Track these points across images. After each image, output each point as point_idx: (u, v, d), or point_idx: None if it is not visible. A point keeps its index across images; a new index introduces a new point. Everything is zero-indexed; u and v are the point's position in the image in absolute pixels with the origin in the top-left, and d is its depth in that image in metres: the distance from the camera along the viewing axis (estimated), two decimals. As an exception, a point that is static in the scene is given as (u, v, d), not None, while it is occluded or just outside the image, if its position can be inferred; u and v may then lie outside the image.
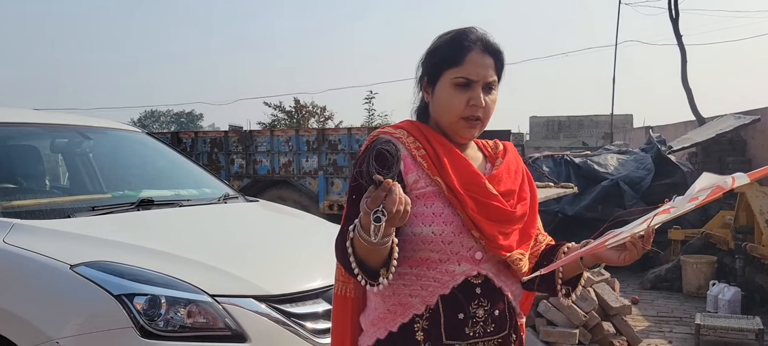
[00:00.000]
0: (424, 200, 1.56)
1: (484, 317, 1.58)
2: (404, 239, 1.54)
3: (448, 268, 1.56)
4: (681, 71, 14.15)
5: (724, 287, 6.22)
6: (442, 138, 1.63)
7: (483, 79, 1.59)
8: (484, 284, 1.59)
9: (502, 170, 1.66)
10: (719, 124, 10.27)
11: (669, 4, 14.31)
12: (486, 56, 1.60)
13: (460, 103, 1.58)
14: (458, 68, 1.58)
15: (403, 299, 1.58)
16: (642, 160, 9.25)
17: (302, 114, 25.71)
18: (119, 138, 4.41)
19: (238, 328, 2.58)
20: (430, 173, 1.57)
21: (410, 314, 1.58)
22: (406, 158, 1.58)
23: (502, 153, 1.73)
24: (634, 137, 18.83)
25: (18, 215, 2.98)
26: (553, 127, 35.24)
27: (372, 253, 1.43)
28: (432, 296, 1.56)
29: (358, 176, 1.53)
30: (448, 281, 1.56)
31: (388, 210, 1.31)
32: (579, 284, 1.70)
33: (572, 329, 4.69)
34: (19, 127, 3.82)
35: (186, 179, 4.29)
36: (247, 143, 9.06)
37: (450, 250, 1.55)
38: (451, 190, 1.55)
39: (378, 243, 1.37)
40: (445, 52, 1.61)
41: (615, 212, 8.59)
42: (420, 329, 1.57)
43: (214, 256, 2.90)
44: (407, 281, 1.57)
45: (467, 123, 1.60)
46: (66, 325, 2.50)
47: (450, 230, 1.55)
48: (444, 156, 1.58)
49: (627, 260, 1.54)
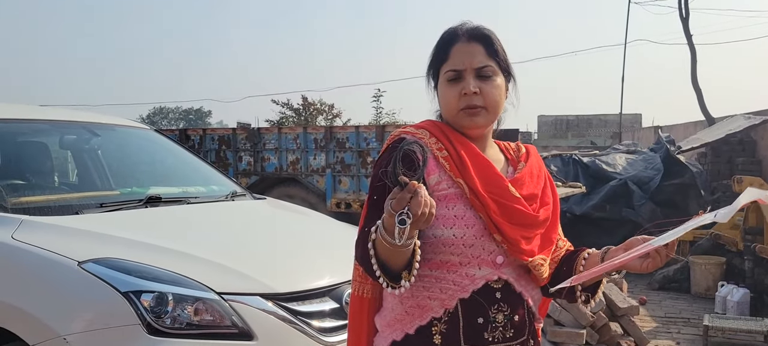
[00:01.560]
0: (446, 201, 1.54)
1: (504, 322, 1.56)
2: (425, 241, 1.52)
3: (469, 271, 1.54)
4: (691, 71, 14.08)
5: (733, 289, 6.19)
6: (463, 139, 1.61)
7: (470, 65, 1.59)
8: (504, 288, 1.56)
9: (525, 174, 1.64)
10: (729, 124, 10.20)
11: (679, 3, 14.24)
12: (472, 44, 1.60)
13: (455, 96, 1.59)
14: (447, 63, 1.61)
15: (422, 301, 1.55)
16: (651, 160, 9.21)
17: (310, 112, 25.71)
18: (128, 135, 4.42)
19: (245, 326, 2.58)
20: (452, 175, 1.55)
21: (428, 316, 1.55)
22: (429, 159, 1.56)
23: (524, 156, 1.71)
24: (642, 137, 18.75)
25: (26, 211, 2.99)
26: (561, 126, 35.14)
27: (394, 255, 1.41)
28: (451, 300, 1.53)
29: (382, 176, 1.49)
30: (468, 284, 1.53)
31: (413, 213, 1.29)
32: (599, 289, 1.67)
33: (580, 329, 4.67)
34: (28, 124, 3.84)
35: (194, 176, 4.30)
36: (255, 141, 9.07)
37: (471, 253, 1.53)
38: (473, 192, 1.53)
39: (401, 246, 1.34)
40: (436, 52, 1.64)
41: (623, 211, 8.58)
42: (437, 332, 1.55)
43: (221, 253, 2.90)
44: (427, 283, 1.54)
45: (466, 113, 1.59)
46: (74, 321, 2.50)
47: (472, 233, 1.52)
48: (467, 157, 1.56)
49: (650, 267, 1.51)
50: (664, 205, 8.77)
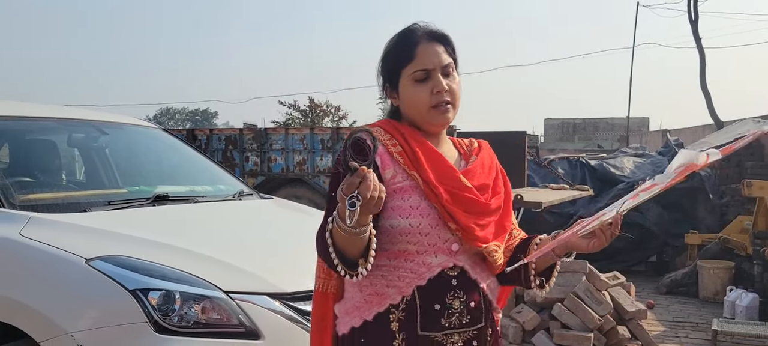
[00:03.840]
0: (402, 193, 1.61)
1: (460, 308, 1.63)
2: (382, 232, 1.59)
3: (425, 259, 1.61)
4: (700, 74, 14.03)
5: (741, 293, 6.14)
6: (417, 134, 1.68)
7: (438, 64, 1.66)
8: (460, 276, 1.64)
9: (476, 165, 1.73)
10: (738, 128, 10.13)
11: (688, 6, 14.19)
12: (434, 44, 1.67)
13: (425, 95, 1.65)
14: (413, 63, 1.65)
15: (380, 289, 1.62)
16: (659, 164, 9.17)
17: (316, 113, 25.77)
18: (135, 134, 4.42)
19: (252, 325, 2.58)
20: (406, 168, 1.63)
21: (386, 303, 1.62)
22: (384, 155, 1.64)
23: (476, 150, 1.79)
24: (650, 140, 18.68)
25: (34, 208, 2.99)
26: (568, 129, 35.06)
27: (350, 243, 1.47)
28: (408, 287, 1.61)
29: (337, 165, 1.56)
30: (424, 272, 1.61)
31: (362, 195, 1.36)
32: (552, 275, 1.74)
33: (587, 332, 4.65)
34: (37, 122, 3.85)
35: (201, 176, 4.31)
36: (261, 141, 9.08)
37: (427, 242, 1.60)
38: (427, 183, 1.61)
39: (355, 231, 1.41)
40: (397, 53, 1.69)
41: (630, 215, 8.54)
42: (395, 319, 1.62)
43: (228, 252, 2.89)
44: (385, 272, 1.61)
45: (438, 110, 1.66)
46: (81, 318, 2.50)
47: (427, 222, 1.60)
48: (419, 151, 1.64)
49: (595, 246, 1.58)
50: (673, 209, 8.72)
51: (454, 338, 1.63)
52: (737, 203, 8.50)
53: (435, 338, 1.61)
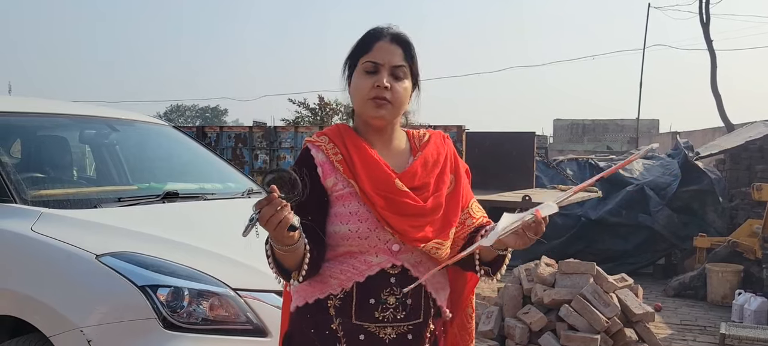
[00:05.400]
0: (343, 200, 1.72)
1: (395, 304, 1.72)
2: (328, 236, 1.72)
3: (368, 259, 1.71)
4: (711, 77, 13.97)
5: (750, 297, 6.11)
6: (359, 141, 1.76)
7: (389, 62, 1.73)
8: (400, 274, 1.72)
9: (417, 165, 1.78)
10: (749, 131, 10.10)
11: (700, 8, 14.13)
12: (393, 45, 1.75)
13: (367, 86, 1.72)
14: (368, 54, 1.74)
15: (324, 279, 1.74)
16: (668, 166, 9.13)
17: (326, 111, 25.77)
18: (146, 131, 4.44)
19: (260, 322, 2.59)
20: (346, 176, 1.72)
21: (327, 292, 1.74)
22: (325, 164, 1.74)
23: (425, 145, 1.83)
24: (660, 142, 18.58)
25: (46, 204, 3.02)
26: (577, 131, 34.88)
27: (284, 257, 1.61)
28: (348, 282, 1.72)
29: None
30: (365, 270, 1.71)
31: (262, 215, 1.47)
32: (502, 266, 1.77)
33: (594, 334, 4.63)
34: (49, 118, 3.88)
35: (210, 173, 4.32)
36: (271, 139, 9.11)
37: (368, 244, 1.70)
38: (362, 191, 1.70)
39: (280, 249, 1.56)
40: (359, 45, 1.77)
41: (639, 217, 8.52)
42: (332, 306, 1.74)
43: (237, 249, 2.90)
44: (331, 265, 1.73)
45: (374, 103, 1.72)
46: (90, 314, 2.53)
47: (365, 226, 1.69)
48: (357, 160, 1.72)
49: (519, 244, 1.60)
50: (681, 211, 8.69)
51: (387, 329, 1.72)
52: (747, 206, 8.45)
53: (368, 327, 1.72)
